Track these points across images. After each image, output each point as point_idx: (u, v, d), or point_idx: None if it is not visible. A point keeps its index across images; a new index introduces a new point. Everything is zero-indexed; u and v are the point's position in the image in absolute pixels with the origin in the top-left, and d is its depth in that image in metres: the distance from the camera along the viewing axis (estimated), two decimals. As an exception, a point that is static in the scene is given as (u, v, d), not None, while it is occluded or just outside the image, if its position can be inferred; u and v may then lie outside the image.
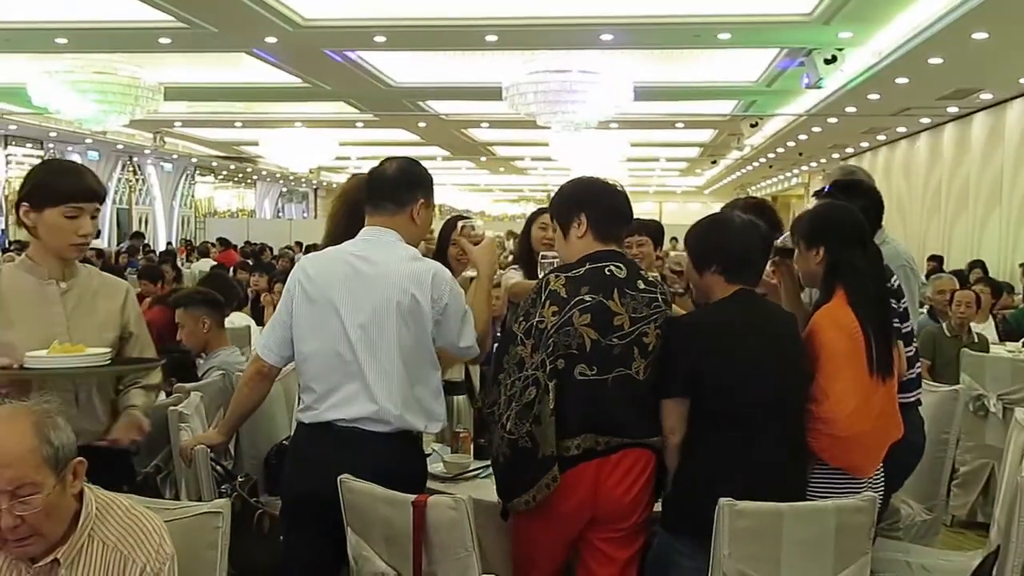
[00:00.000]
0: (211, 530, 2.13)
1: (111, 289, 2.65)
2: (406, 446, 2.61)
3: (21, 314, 2.44)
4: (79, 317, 2.50)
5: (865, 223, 2.77)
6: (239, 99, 14.44)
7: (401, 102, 13.98)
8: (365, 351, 2.54)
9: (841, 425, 2.52)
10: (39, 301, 2.48)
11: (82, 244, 2.50)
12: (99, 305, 2.58)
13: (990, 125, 12.28)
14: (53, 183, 2.49)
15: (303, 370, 2.65)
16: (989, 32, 8.03)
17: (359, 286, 2.58)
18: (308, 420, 2.63)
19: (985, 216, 12.37)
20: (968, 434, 5.16)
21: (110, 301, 2.61)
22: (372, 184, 2.72)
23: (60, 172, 2.59)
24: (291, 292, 2.68)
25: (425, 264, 2.65)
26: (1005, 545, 2.58)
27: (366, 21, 9.01)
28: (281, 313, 2.70)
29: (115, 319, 2.59)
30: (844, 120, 13.75)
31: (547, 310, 2.47)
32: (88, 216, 2.48)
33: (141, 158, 22.62)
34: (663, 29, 9.08)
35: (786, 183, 26.77)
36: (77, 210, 2.45)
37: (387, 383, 2.54)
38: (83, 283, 2.57)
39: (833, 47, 9.21)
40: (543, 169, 24.55)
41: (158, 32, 9.39)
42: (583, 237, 2.59)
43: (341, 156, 19.73)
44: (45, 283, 2.49)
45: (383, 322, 2.55)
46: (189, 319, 4.22)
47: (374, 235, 2.67)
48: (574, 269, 2.53)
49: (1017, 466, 2.88)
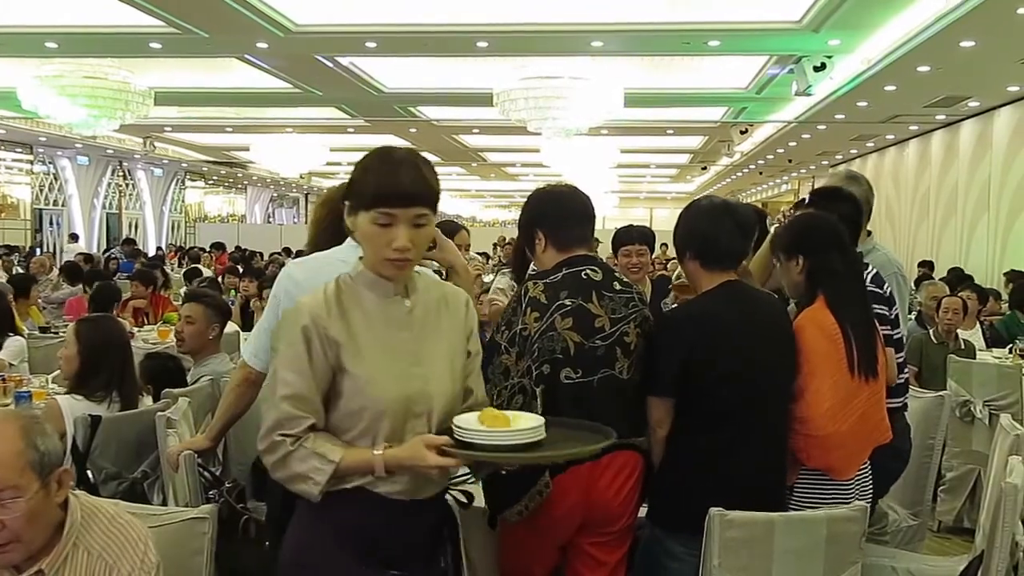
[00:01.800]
0: (198, 536, 2.13)
1: (454, 300, 2.14)
2: None
3: (370, 341, 1.97)
4: (427, 342, 2.04)
5: (841, 228, 2.80)
6: (230, 104, 14.44)
7: (392, 108, 14.00)
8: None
9: (815, 424, 2.53)
10: (385, 323, 2.00)
11: (400, 261, 1.94)
12: (443, 324, 2.09)
13: (978, 132, 12.36)
14: (363, 179, 1.96)
15: None
16: (976, 40, 8.09)
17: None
18: None
19: (973, 222, 12.44)
20: (955, 440, 5.20)
21: (454, 317, 2.12)
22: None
23: (376, 165, 1.98)
24: (278, 298, 2.67)
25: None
26: (989, 550, 2.60)
27: (357, 27, 9.02)
28: (268, 319, 2.68)
29: (460, 342, 2.12)
30: (833, 127, 13.83)
31: (529, 317, 2.48)
32: (406, 225, 1.92)
33: (131, 163, 22.60)
34: (653, 36, 9.12)
35: (776, 189, 26.90)
36: (389, 217, 1.91)
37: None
38: (425, 297, 2.08)
39: (822, 54, 9.27)
40: (534, 175, 24.59)
41: (149, 37, 9.39)
42: (547, 251, 2.62)
43: (332, 162, 19.73)
44: (389, 300, 2.01)
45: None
46: (203, 318, 4.20)
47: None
48: (551, 275, 2.55)
49: (1002, 472, 2.90)
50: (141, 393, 3.66)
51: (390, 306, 2.02)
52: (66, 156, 20.80)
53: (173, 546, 2.06)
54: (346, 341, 1.94)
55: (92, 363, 3.45)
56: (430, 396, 1.99)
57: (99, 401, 3.41)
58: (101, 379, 3.44)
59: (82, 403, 3.37)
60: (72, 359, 3.47)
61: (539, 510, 2.42)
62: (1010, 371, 5.31)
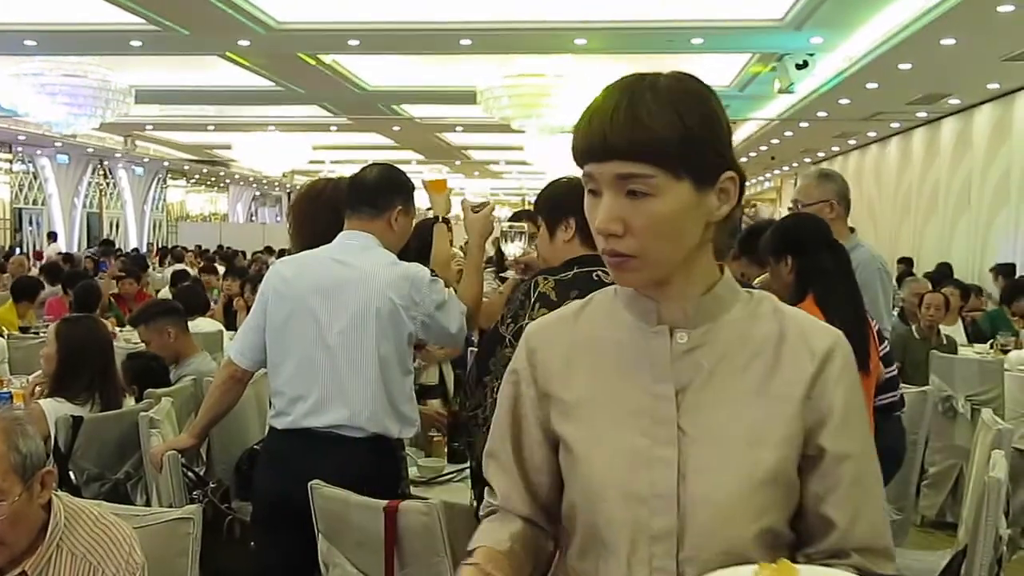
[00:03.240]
0: (182, 536, 2.11)
1: (811, 341, 1.19)
2: (381, 452, 2.59)
3: (599, 389, 1.22)
4: (707, 409, 1.17)
5: (828, 226, 2.81)
6: (212, 102, 14.34)
7: (375, 106, 13.95)
8: (342, 357, 2.52)
9: None
10: (635, 363, 1.20)
11: (609, 254, 1.16)
12: (753, 381, 1.18)
13: (959, 130, 12.45)
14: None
15: (276, 374, 2.62)
16: (956, 38, 8.14)
17: (338, 291, 2.55)
18: (281, 426, 2.60)
19: (955, 219, 12.53)
20: (937, 435, 5.23)
21: (798, 367, 1.17)
22: (353, 188, 2.71)
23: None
24: (265, 296, 2.66)
25: (404, 268, 2.63)
26: (972, 544, 2.62)
27: (340, 25, 8.97)
28: (255, 317, 2.67)
29: (796, 421, 1.16)
30: (816, 124, 13.89)
31: (537, 312, 2.46)
32: (610, 190, 1.14)
33: (112, 161, 22.43)
34: (637, 34, 9.13)
35: (759, 187, 27.02)
36: (589, 179, 1.18)
37: (362, 389, 2.52)
38: (728, 335, 1.19)
39: (805, 52, 9.31)
40: (518, 173, 24.58)
41: (129, 35, 9.30)
42: (570, 241, 2.54)
43: (315, 160, 19.65)
44: (652, 330, 1.20)
45: (361, 328, 2.52)
46: (153, 334, 4.20)
47: (353, 239, 2.65)
48: (562, 273, 2.50)
49: (984, 466, 2.92)
50: (124, 394, 3.64)
51: (649, 340, 1.20)
52: (46, 155, 20.61)
53: (157, 547, 2.04)
54: (560, 391, 1.24)
55: (73, 363, 3.42)
56: (682, 503, 1.14)
57: (82, 404, 3.38)
58: (83, 380, 3.41)
59: (64, 405, 3.34)
60: (52, 358, 3.44)
61: None
62: (991, 366, 5.35)
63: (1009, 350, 5.95)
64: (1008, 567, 3.01)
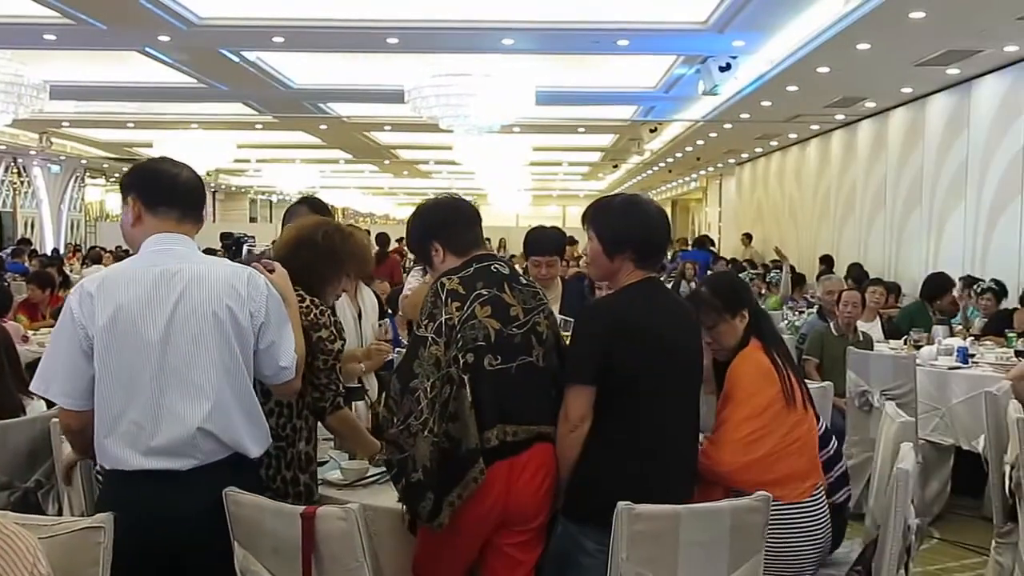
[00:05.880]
0: (92, 546, 2.05)
1: None
2: (236, 474, 2.36)
3: None
4: None
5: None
6: (132, 99, 13.95)
7: (302, 104, 13.75)
8: (177, 368, 2.28)
9: (726, 449, 2.83)
10: None
11: None
12: None
13: (875, 132, 12.84)
14: None
15: (97, 395, 2.30)
16: (871, 43, 8.39)
17: (167, 299, 2.29)
18: (110, 465, 2.31)
19: (871, 219, 12.91)
20: (854, 428, 5.39)
21: None
22: (163, 185, 2.44)
23: None
24: (74, 320, 2.30)
25: (236, 270, 2.41)
26: (883, 533, 2.70)
27: (263, 21, 8.82)
28: (63, 351, 2.32)
29: None
30: (739, 126, 14.17)
31: (451, 306, 2.52)
32: None
33: (26, 159, 21.64)
34: (563, 34, 9.18)
35: (685, 187, 27.45)
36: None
37: (203, 404, 2.28)
38: None
39: (728, 55, 9.49)
40: (447, 172, 24.51)
41: (42, 28, 8.99)
42: (446, 260, 2.67)
43: (240, 159, 19.29)
44: None
45: (198, 336, 2.29)
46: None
47: (175, 243, 2.39)
48: (463, 271, 2.61)
49: (890, 457, 3.02)
50: (30, 397, 3.52)
51: None
52: (-45, 152, 19.83)
53: (67, 557, 1.98)
54: None
55: None
56: None
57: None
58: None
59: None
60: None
61: (462, 507, 2.43)
62: (905, 361, 5.52)
63: (922, 346, 6.17)
64: (917, 557, 3.12)
